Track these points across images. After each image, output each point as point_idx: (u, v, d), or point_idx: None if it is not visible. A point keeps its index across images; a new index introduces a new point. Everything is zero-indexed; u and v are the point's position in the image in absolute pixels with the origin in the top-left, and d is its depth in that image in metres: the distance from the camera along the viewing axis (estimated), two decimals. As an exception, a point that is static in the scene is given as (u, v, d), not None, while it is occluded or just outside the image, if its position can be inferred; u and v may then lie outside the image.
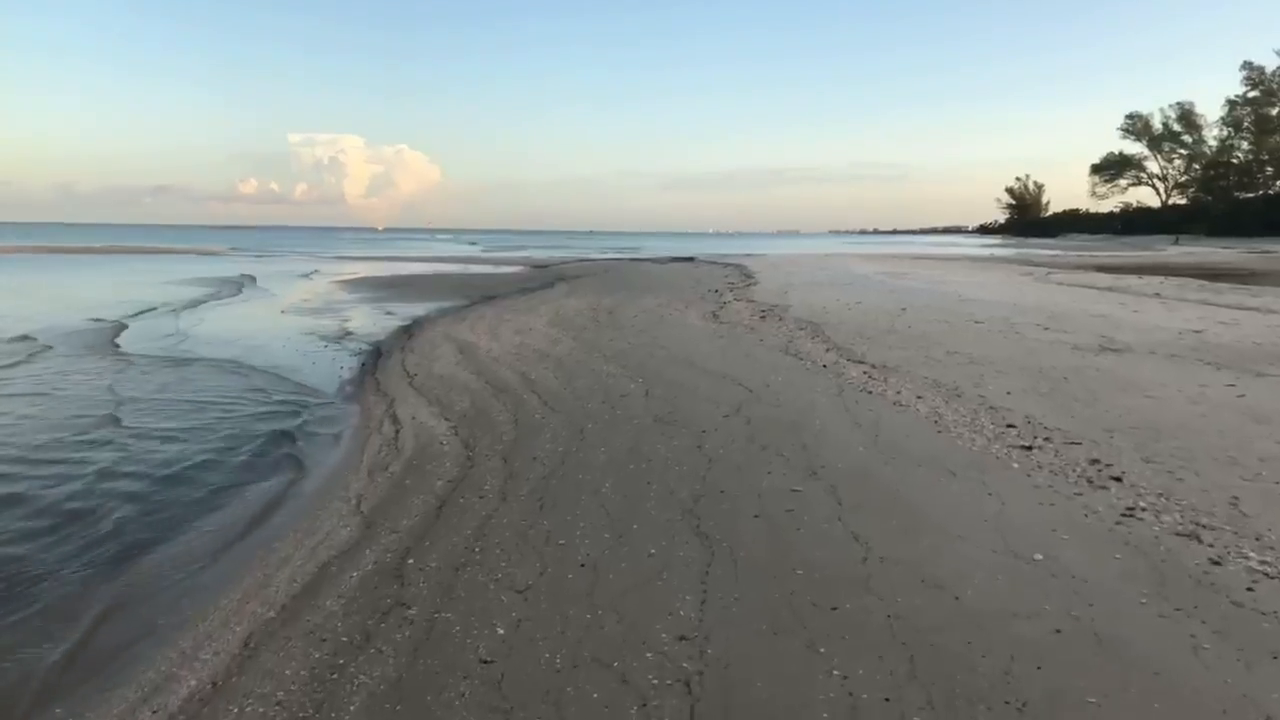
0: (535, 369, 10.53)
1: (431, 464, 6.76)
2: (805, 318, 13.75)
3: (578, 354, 11.49)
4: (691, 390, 8.69)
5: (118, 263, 41.79)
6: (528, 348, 12.31)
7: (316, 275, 34.14)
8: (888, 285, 18.44)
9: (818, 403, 7.66)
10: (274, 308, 20.49)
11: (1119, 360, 8.97)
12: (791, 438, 6.57)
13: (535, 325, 14.96)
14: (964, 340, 10.70)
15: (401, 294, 24.46)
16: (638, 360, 10.67)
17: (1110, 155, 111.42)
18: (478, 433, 7.60)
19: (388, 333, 15.55)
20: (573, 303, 19.21)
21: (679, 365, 10.11)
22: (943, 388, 7.95)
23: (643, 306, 17.42)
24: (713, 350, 11.07)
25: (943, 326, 11.89)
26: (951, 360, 9.34)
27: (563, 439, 7.10)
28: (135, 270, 35.59)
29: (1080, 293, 16.87)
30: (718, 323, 13.90)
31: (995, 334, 11.03)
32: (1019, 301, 14.55)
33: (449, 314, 18.58)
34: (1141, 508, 4.56)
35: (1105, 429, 6.23)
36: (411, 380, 10.49)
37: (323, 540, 5.25)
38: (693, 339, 12.26)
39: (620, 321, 14.89)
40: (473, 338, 13.91)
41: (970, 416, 6.83)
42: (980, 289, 17.46)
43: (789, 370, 9.32)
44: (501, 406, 8.61)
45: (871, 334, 11.53)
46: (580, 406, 8.30)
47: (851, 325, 12.58)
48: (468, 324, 15.91)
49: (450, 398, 9.27)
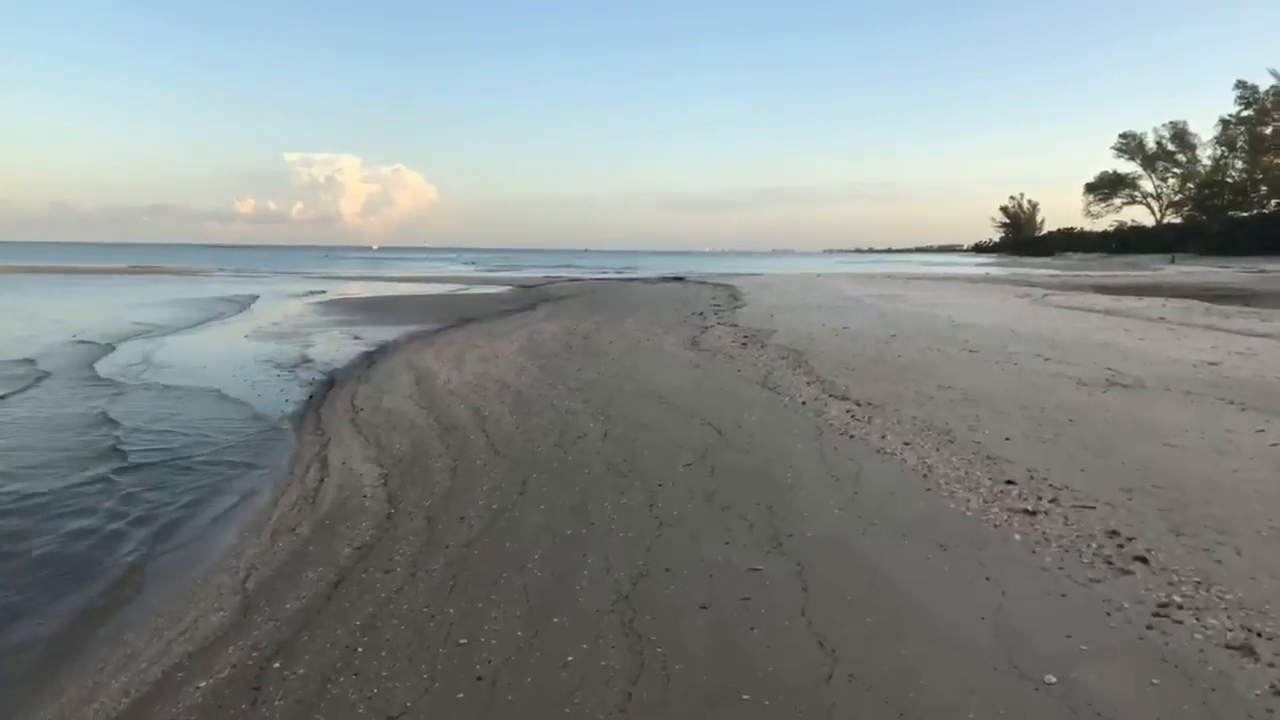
0: (492, 403, 9.67)
1: (346, 524, 5.87)
2: (789, 345, 12.90)
3: (541, 386, 10.63)
4: (655, 431, 7.81)
5: (101, 284, 40.84)
6: (490, 378, 11.44)
7: (297, 297, 33.27)
8: (877, 309, 17.60)
9: (792, 449, 6.78)
10: (240, 332, 19.58)
11: (1130, 398, 8.08)
12: (758, 494, 5.69)
13: (504, 352, 14.10)
14: (957, 372, 9.84)
15: (377, 317, 23.60)
16: (604, 394, 9.80)
17: (1104, 174, 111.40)
18: (409, 484, 6.72)
19: (348, 360, 14.67)
20: (550, 327, 18.36)
21: (647, 400, 9.24)
22: (933, 431, 7.07)
23: (621, 331, 16.57)
24: (686, 383, 10.20)
25: (934, 356, 11.04)
26: (943, 396, 8.47)
27: (500, 493, 6.22)
28: (115, 292, 34.67)
29: (1080, 317, 16.03)
30: (696, 350, 13.04)
31: (991, 365, 10.17)
32: (1016, 328, 13.70)
33: (419, 339, 17.73)
34: (1178, 603, 3.66)
35: (1122, 487, 5.35)
36: (356, 416, 9.61)
37: (185, 630, 4.34)
38: (667, 369, 11.40)
39: (594, 348, 14.03)
40: (435, 366, 13.05)
41: (964, 468, 5.94)
42: (975, 313, 16.61)
43: (764, 407, 8.45)
44: (444, 450, 7.74)
45: (857, 364, 10.67)
46: (530, 451, 7.42)
47: (837, 354, 11.72)
48: (434, 350, 15.04)
49: (391, 438, 8.39)
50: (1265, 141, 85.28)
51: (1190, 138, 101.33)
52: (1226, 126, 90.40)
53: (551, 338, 15.85)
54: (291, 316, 23.91)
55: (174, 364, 13.93)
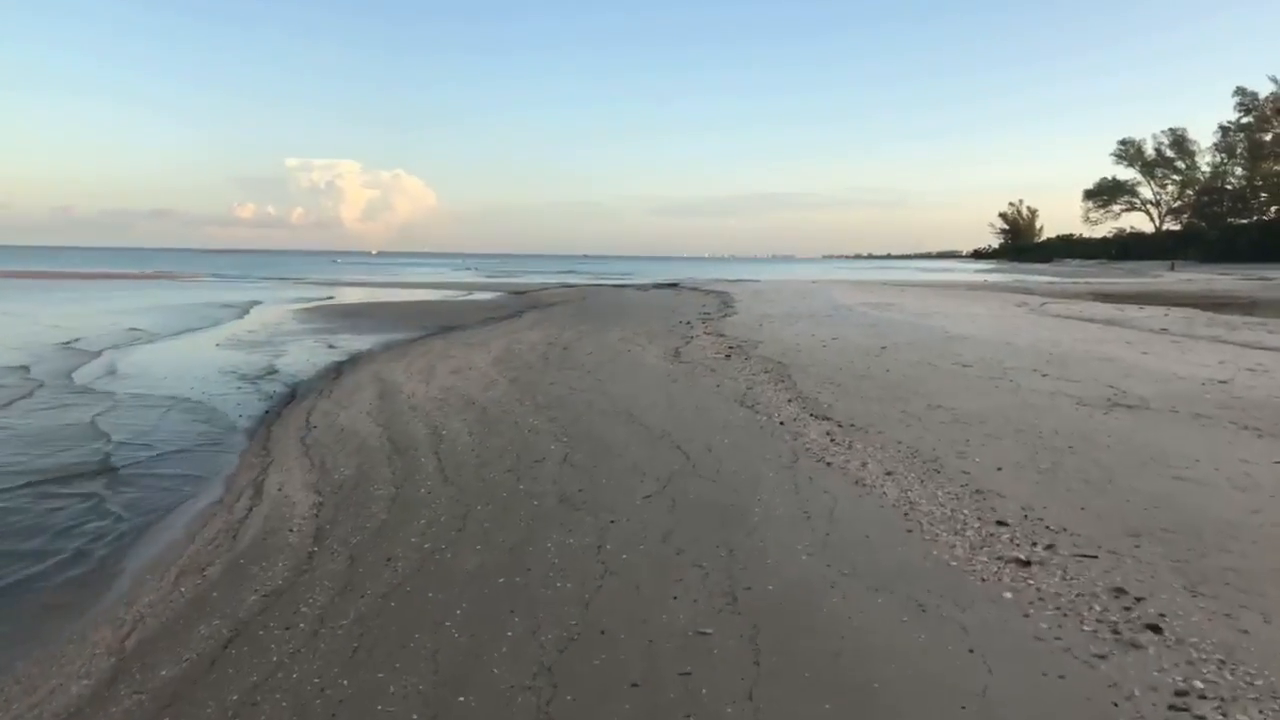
0: (453, 421, 9.06)
1: (262, 564, 5.26)
2: (774, 356, 12.29)
3: (508, 401, 10.02)
4: (619, 455, 7.20)
5: (91, 289, 40.22)
6: (457, 392, 10.83)
7: (283, 303, 32.68)
8: (869, 319, 16.98)
9: (763, 478, 6.16)
10: (214, 340, 18.96)
11: (1135, 421, 7.45)
12: (720, 534, 5.07)
13: (478, 363, 13.49)
14: (949, 390, 9.23)
15: (357, 324, 23.00)
16: (572, 411, 9.19)
17: (1103, 181, 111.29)
18: (343, 515, 6.11)
19: (316, 371, 14.08)
20: (532, 335, 17.76)
21: (616, 419, 8.62)
22: (918, 458, 6.45)
23: (604, 341, 15.97)
24: (660, 398, 9.59)
25: (925, 371, 10.42)
26: (932, 418, 7.85)
27: (437, 529, 5.61)
28: (107, 297, 34.04)
29: (1080, 327, 15.42)
30: (677, 362, 12.43)
31: (985, 382, 9.56)
32: (1013, 340, 13.08)
33: (394, 348, 17.12)
34: (1199, 690, 3.03)
35: (1128, 531, 4.72)
36: (307, 434, 9.01)
37: (34, 706, 3.72)
38: (644, 383, 10.79)
39: (572, 359, 13.42)
40: (403, 378, 12.44)
41: (951, 505, 5.32)
42: (970, 323, 16.00)
43: (740, 429, 7.83)
44: (390, 475, 7.13)
45: (843, 379, 10.05)
46: (481, 477, 6.81)
47: (823, 367, 11.11)
48: (406, 361, 14.43)
49: (338, 460, 7.79)
50: (1265, 148, 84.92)
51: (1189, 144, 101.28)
52: (1226, 133, 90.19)
53: (530, 348, 15.24)
54: (272, 324, 23.30)
55: (137, 374, 13.33)
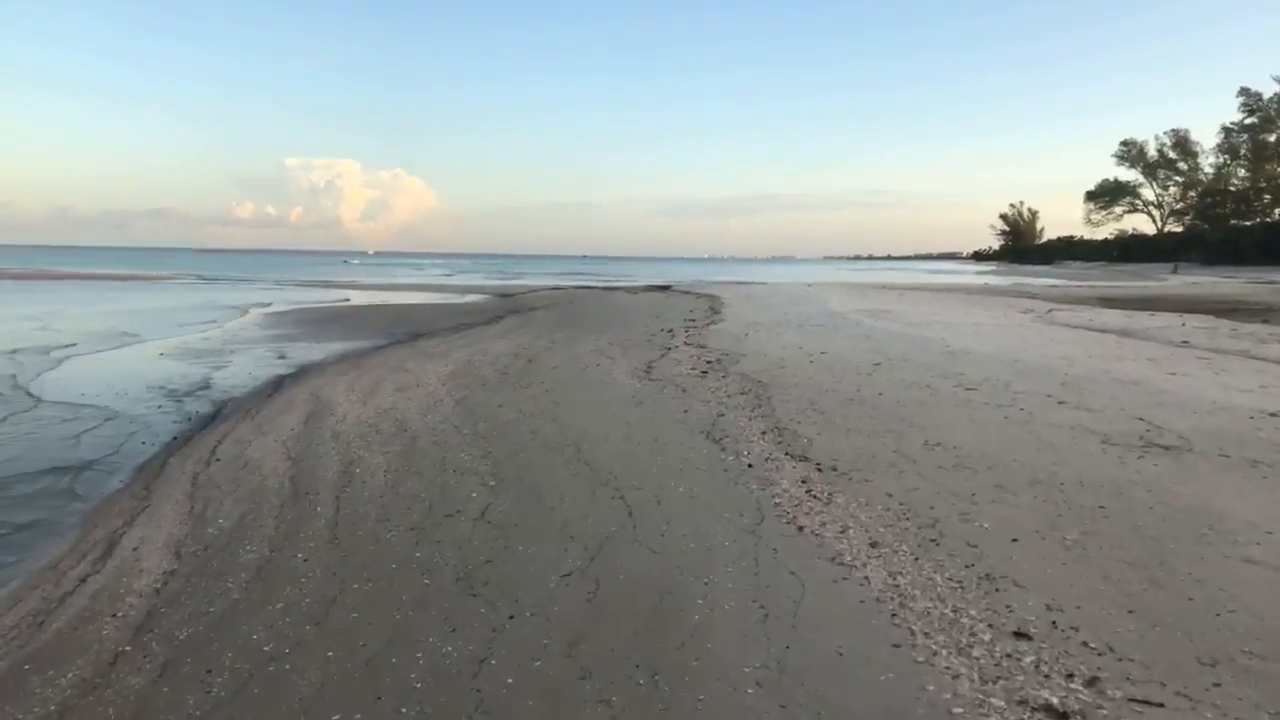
0: (374, 455, 7.81)
1: (53, 669, 4.04)
2: (754, 374, 11.02)
3: (446, 429, 8.76)
4: (550, 508, 5.93)
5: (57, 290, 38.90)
6: (393, 416, 9.58)
7: (253, 307, 31.41)
8: (863, 329, 15.67)
9: (717, 549, 4.88)
10: (161, 349, 17.67)
11: (1177, 468, 6.13)
12: (644, 646, 3.80)
13: (429, 379, 12.23)
14: (950, 421, 7.94)
15: (321, 331, 21.74)
16: (513, 443, 7.92)
17: (1105, 182, 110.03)
18: (190, 591, 4.87)
19: (253, 387, 12.84)
20: (499, 346, 16.48)
21: (560, 455, 7.36)
22: (913, 520, 5.17)
23: (575, 352, 14.70)
24: (617, 427, 8.32)
25: (923, 395, 9.13)
26: (930, 459, 6.56)
27: (293, 619, 4.36)
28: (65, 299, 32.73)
29: (1094, 339, 14.13)
30: (646, 380, 11.15)
31: (992, 411, 8.27)
32: (1021, 356, 11.77)
33: (350, 359, 15.86)
34: None
35: (1201, 655, 3.41)
36: (205, 470, 7.78)
37: None
38: (603, 406, 9.52)
39: (534, 375, 12.16)
40: (341, 397, 11.19)
41: (952, 599, 4.04)
42: (974, 334, 14.70)
43: (700, 472, 6.55)
44: (273, 529, 5.89)
45: (828, 404, 8.78)
46: (374, 538, 5.55)
47: (807, 388, 9.83)
48: (353, 376, 13.18)
49: (223, 506, 6.55)
50: (1269, 149, 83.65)
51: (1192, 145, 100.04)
52: (1229, 134, 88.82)
53: (492, 361, 13.97)
54: (229, 331, 22.03)
55: (56, 387, 12.06)
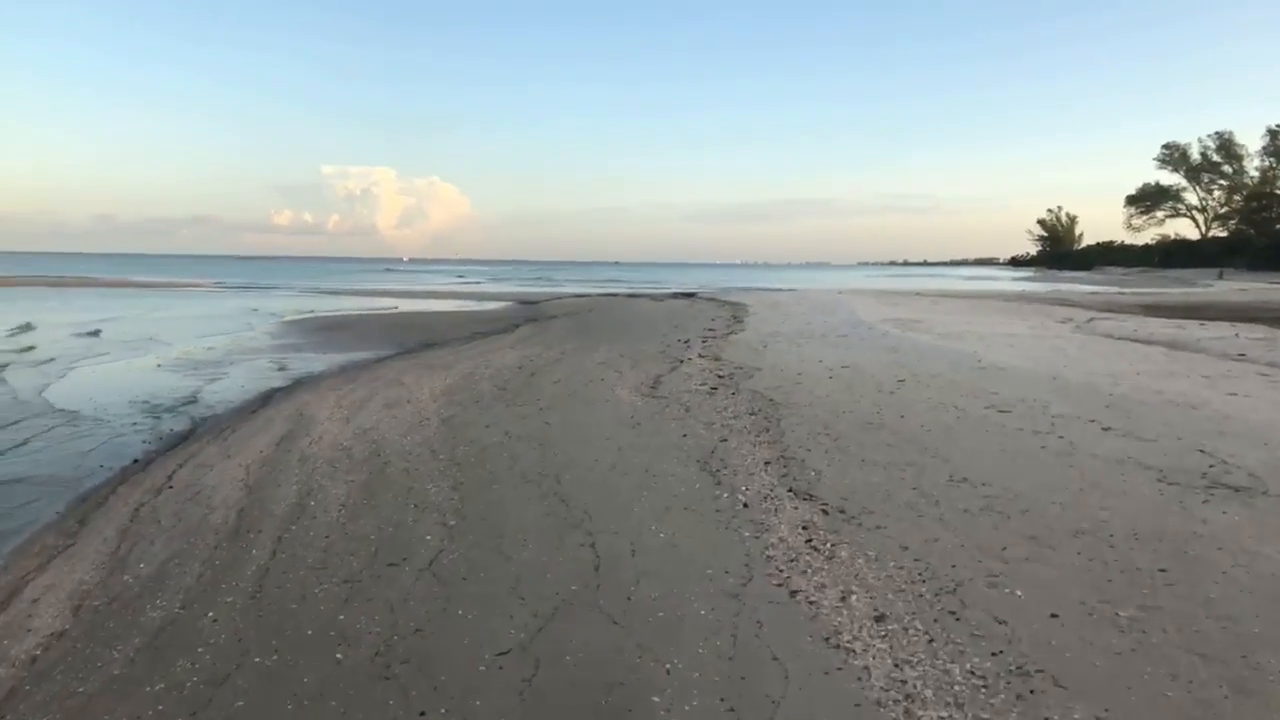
0: (336, 484, 7.09)
1: None
2: (768, 390, 10.15)
3: (422, 453, 8.01)
4: (508, 556, 5.11)
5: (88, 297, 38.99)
6: (371, 437, 8.87)
7: (270, 314, 31.12)
8: (889, 340, 14.67)
9: (689, 620, 4.02)
10: (161, 358, 17.19)
11: (1252, 518, 5.11)
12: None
13: (423, 394, 11.51)
14: (979, 450, 7.00)
15: (329, 341, 21.20)
16: (487, 473, 7.14)
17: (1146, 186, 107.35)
18: (69, 660, 4.19)
19: (239, 402, 12.24)
20: (506, 357, 15.76)
21: (535, 489, 6.55)
22: (929, 582, 4.27)
23: (582, 365, 13.91)
24: (606, 454, 7.49)
25: (950, 418, 8.19)
26: (954, 500, 5.64)
27: (170, 706, 3.60)
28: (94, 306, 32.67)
29: (1141, 353, 13.02)
30: (651, 397, 10.32)
31: (1028, 438, 7.31)
32: (1061, 372, 10.73)
33: (350, 371, 15.24)
34: None
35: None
36: (150, 501, 7.14)
37: None
38: (598, 427, 8.71)
39: (532, 390, 11.39)
40: (325, 414, 10.53)
41: (973, 711, 3.14)
42: (1008, 346, 13.65)
43: (688, 513, 5.70)
44: (194, 578, 5.17)
45: (843, 428, 7.87)
46: (302, 593, 4.78)
47: (823, 407, 8.93)
48: (346, 390, 12.52)
49: (152, 548, 5.87)
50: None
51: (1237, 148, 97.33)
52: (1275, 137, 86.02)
53: (494, 374, 13.23)
54: (240, 339, 21.58)
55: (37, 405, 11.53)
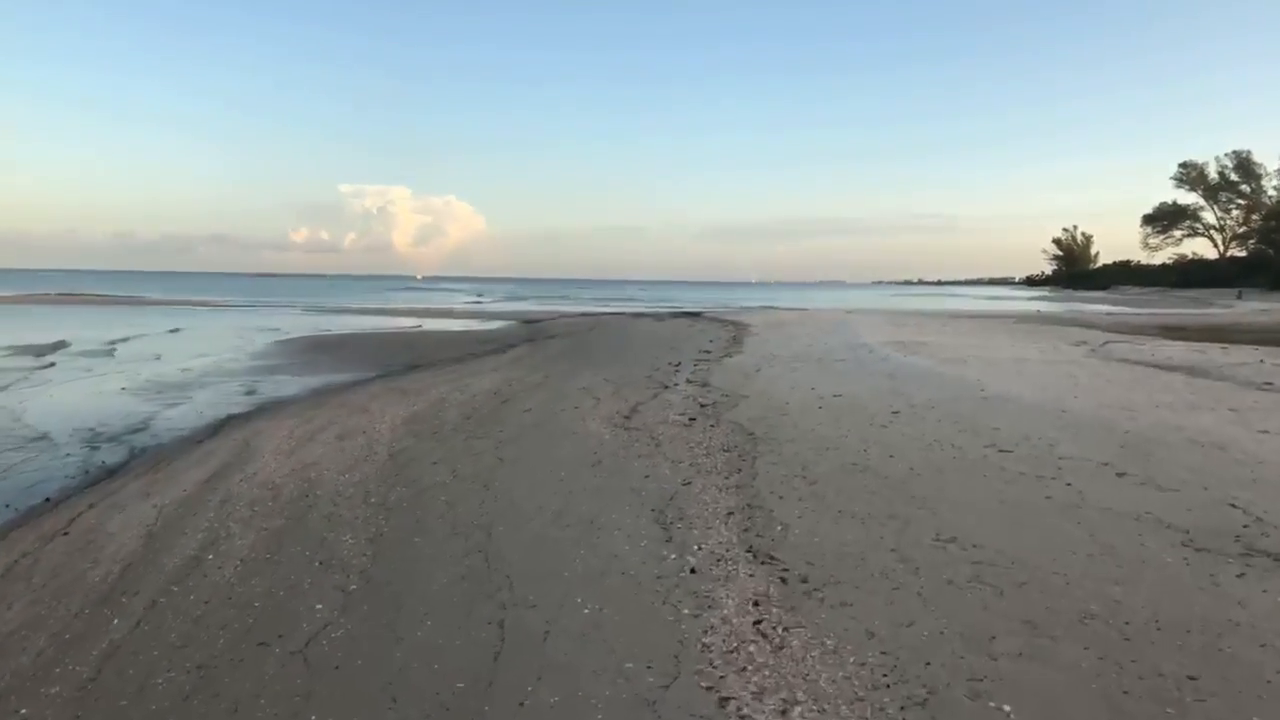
0: (248, 532, 6.33)
1: None
2: (750, 421, 9.30)
3: (354, 495, 7.20)
4: (401, 636, 4.26)
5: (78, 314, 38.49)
6: (307, 475, 8.10)
7: (263, 331, 30.54)
8: (889, 365, 13.75)
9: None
10: (130, 380, 16.50)
11: (1299, 595, 4.26)
12: None
13: (383, 424, 10.73)
14: (974, 499, 6.10)
15: (314, 362, 20.50)
16: (415, 521, 6.32)
17: (1163, 205, 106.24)
18: None
19: (192, 429, 11.57)
20: (487, 381, 14.97)
21: (462, 543, 5.71)
22: (894, 692, 3.37)
23: (562, 390, 13.10)
24: (553, 500, 6.64)
25: (944, 458, 7.29)
26: (938, 565, 4.75)
27: None
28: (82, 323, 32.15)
29: (1159, 381, 12.05)
30: (623, 428, 9.48)
31: (1030, 485, 6.40)
32: (1071, 404, 9.77)
33: (319, 396, 14.51)
34: None
35: None
36: (36, 552, 6.51)
37: None
38: (552, 467, 7.87)
39: (499, 420, 10.57)
40: (272, 446, 9.80)
41: None
42: (1015, 374, 12.71)
43: (624, 580, 4.83)
44: (30, 658, 4.39)
45: (825, 469, 6.99)
46: (139, 688, 3.95)
47: (806, 443, 8.06)
48: (306, 417, 11.78)
49: (9, 613, 5.10)
50: (1341, 169, 79.44)
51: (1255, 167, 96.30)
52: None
53: (467, 400, 12.42)
54: (222, 359, 20.89)
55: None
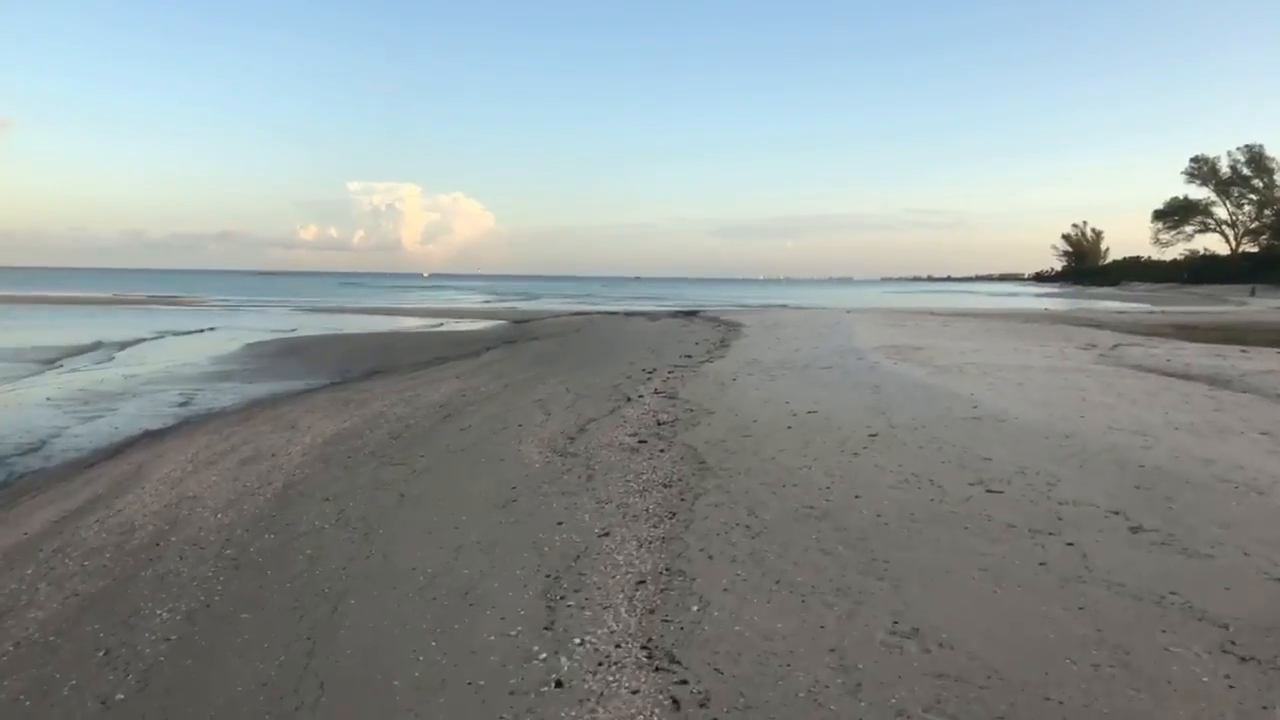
0: (56, 593, 5.18)
1: None
2: (706, 445, 8.05)
3: (211, 542, 6.02)
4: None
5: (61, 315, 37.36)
6: (175, 513, 6.94)
7: (238, 333, 29.50)
8: (878, 375, 12.43)
9: None
10: (61, 387, 15.36)
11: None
12: None
13: (298, 446, 9.56)
14: (947, 565, 4.82)
15: (272, 367, 19.36)
16: (256, 588, 5.10)
17: (1174, 200, 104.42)
18: None
19: (96, 448, 10.56)
20: (440, 391, 13.78)
21: (293, 627, 4.48)
22: None
23: (515, 403, 11.87)
24: (437, 556, 5.41)
25: (920, 500, 6.01)
26: (888, 677, 3.49)
27: None
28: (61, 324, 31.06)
29: (1176, 394, 10.74)
30: (561, 454, 8.24)
31: (1021, 544, 5.12)
32: (1077, 426, 8.40)
33: (255, 407, 13.37)
34: None
35: None
36: None
37: None
38: (457, 508, 6.64)
39: (427, 443, 9.36)
40: (164, 472, 8.73)
41: None
42: (1016, 385, 11.40)
43: (470, 692, 3.61)
44: None
45: (774, 514, 5.73)
46: None
47: (761, 477, 6.80)
48: (221, 435, 10.64)
49: None
50: (1357, 163, 77.63)
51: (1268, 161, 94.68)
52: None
53: (405, 416, 11.21)
54: (174, 364, 19.75)
55: None
